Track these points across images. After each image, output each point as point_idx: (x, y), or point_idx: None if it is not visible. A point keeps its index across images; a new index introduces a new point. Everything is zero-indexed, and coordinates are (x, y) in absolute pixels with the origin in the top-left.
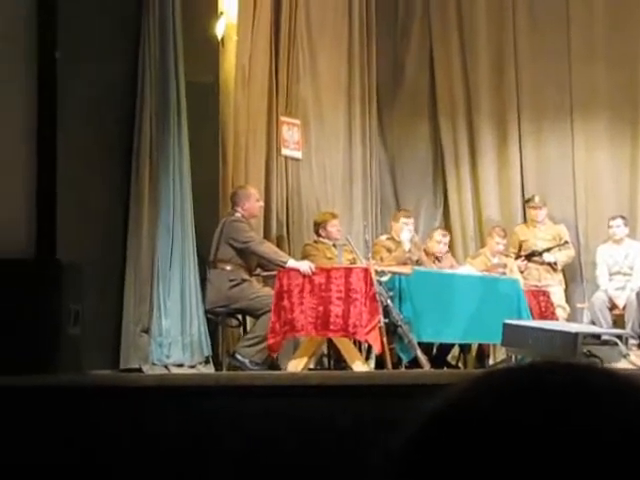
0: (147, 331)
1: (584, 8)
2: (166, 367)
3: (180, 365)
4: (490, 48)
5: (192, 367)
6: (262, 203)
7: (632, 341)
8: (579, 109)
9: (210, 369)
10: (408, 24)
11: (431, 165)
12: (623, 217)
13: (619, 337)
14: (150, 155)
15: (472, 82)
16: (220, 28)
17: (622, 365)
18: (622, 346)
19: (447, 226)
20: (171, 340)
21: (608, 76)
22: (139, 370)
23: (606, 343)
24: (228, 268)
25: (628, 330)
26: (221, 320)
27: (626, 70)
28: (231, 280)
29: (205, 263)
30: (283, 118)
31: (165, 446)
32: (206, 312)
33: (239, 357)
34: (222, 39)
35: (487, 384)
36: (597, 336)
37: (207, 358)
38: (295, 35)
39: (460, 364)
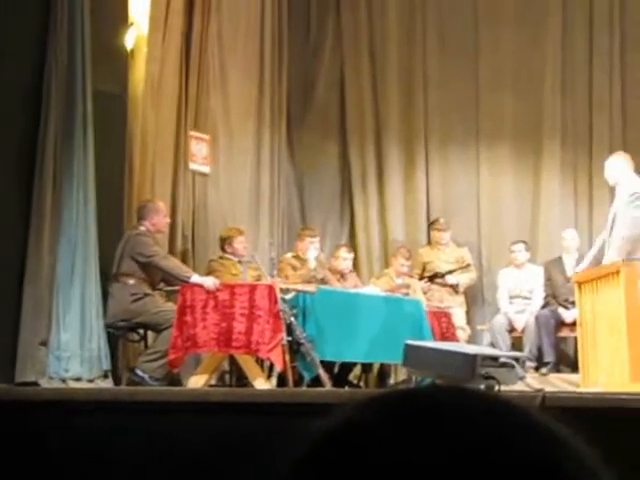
0: (45, 344)
1: (492, 37)
2: (64, 381)
3: (78, 379)
4: (400, 71)
5: (90, 381)
6: (169, 220)
7: (529, 364)
8: (485, 136)
9: (109, 384)
10: (320, 45)
11: (339, 185)
12: (524, 242)
13: (516, 360)
14: (54, 165)
15: (381, 104)
16: (130, 39)
17: (518, 387)
18: (519, 369)
19: (353, 246)
20: (70, 354)
21: (513, 105)
22: (35, 384)
23: (504, 365)
24: (131, 282)
25: (526, 353)
26: (122, 334)
27: (530, 100)
28: (133, 294)
29: (107, 277)
30: (192, 132)
31: (62, 461)
32: (107, 326)
33: (139, 372)
34: (132, 50)
35: (376, 405)
36: (495, 358)
37: (106, 372)
38: (206, 50)
39: (361, 383)
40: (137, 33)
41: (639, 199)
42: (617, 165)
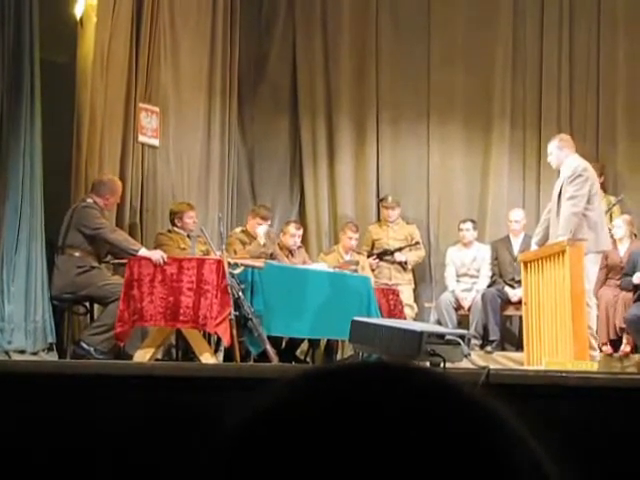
0: None
1: (444, 14)
2: (7, 353)
3: (22, 352)
4: (352, 47)
5: (35, 354)
6: (118, 200)
7: (474, 341)
8: (436, 114)
9: (54, 357)
10: (272, 19)
11: (289, 160)
12: (473, 221)
13: (462, 337)
14: (0, 135)
15: (333, 80)
16: (79, 7)
17: (464, 364)
18: (464, 346)
19: (302, 222)
20: (14, 326)
21: (464, 83)
22: None
23: (450, 343)
24: (77, 254)
25: (472, 331)
26: (67, 307)
27: (481, 78)
28: (79, 267)
29: (53, 248)
30: (142, 104)
31: (6, 434)
32: (52, 298)
33: (84, 345)
34: (81, 19)
35: (310, 382)
36: (441, 336)
37: (51, 345)
38: (157, 21)
39: (308, 359)
40: (87, 1)
41: (580, 177)
42: (558, 148)
